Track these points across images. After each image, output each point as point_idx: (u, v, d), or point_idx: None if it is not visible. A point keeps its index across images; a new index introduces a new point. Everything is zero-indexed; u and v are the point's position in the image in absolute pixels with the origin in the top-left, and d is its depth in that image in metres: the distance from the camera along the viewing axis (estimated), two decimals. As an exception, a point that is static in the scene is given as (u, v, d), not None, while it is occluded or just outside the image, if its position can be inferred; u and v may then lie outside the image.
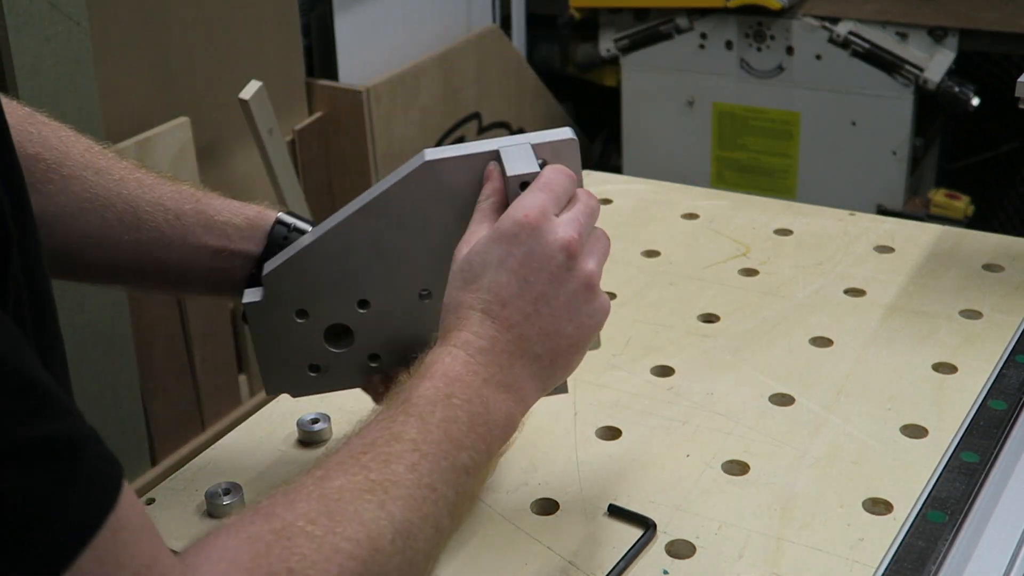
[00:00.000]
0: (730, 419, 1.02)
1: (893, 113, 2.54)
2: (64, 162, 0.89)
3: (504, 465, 0.97)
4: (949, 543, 0.86)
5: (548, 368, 0.79)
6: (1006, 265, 1.26)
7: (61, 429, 0.50)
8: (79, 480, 0.50)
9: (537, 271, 0.77)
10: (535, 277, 0.77)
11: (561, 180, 0.81)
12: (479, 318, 0.76)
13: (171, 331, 2.08)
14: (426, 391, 0.73)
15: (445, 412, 0.72)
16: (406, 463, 0.68)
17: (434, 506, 0.68)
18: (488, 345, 0.76)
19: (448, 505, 0.69)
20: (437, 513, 0.68)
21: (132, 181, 0.91)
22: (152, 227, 0.90)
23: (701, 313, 1.19)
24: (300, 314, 0.90)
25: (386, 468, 0.67)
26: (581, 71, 2.95)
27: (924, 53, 2.49)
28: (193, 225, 0.91)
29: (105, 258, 0.91)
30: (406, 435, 0.69)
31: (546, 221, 0.77)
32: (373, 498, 0.65)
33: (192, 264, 0.91)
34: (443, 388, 0.73)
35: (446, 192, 0.84)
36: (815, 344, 1.13)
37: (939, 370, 1.08)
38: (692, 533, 0.89)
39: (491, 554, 0.88)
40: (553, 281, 0.77)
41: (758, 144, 2.71)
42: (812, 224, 1.37)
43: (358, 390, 0.95)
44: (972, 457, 0.95)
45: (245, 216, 0.92)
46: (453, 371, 0.74)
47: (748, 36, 2.62)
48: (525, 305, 0.77)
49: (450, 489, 0.70)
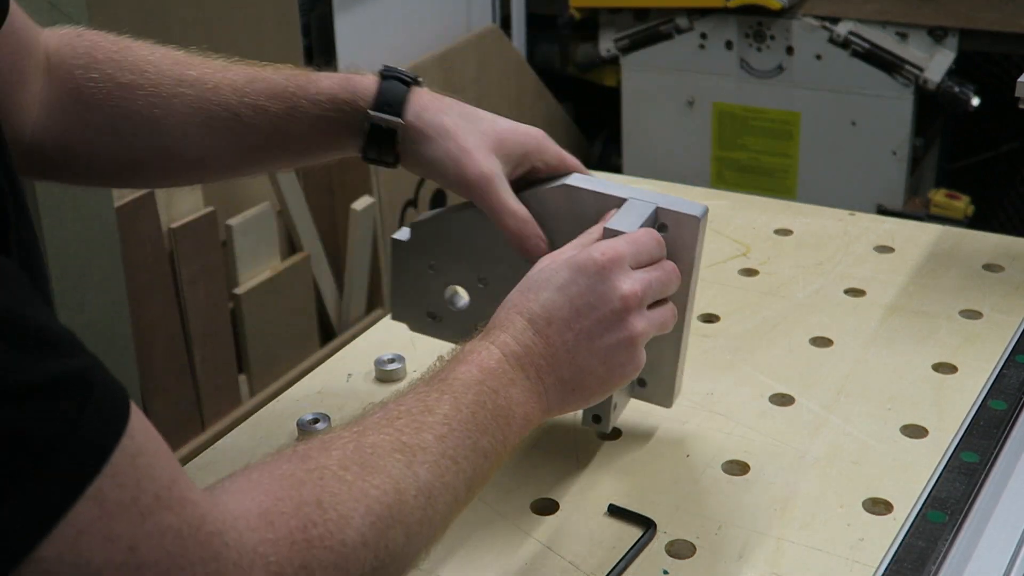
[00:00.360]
0: (730, 419, 1.02)
1: (893, 113, 2.54)
2: (161, 83, 0.93)
3: (504, 465, 0.97)
4: (949, 543, 0.86)
5: (571, 394, 0.83)
6: (1006, 265, 1.26)
7: (73, 365, 0.53)
8: (92, 408, 0.53)
9: (591, 307, 0.82)
10: (587, 312, 0.82)
11: (648, 241, 0.86)
12: (523, 325, 0.81)
13: (171, 331, 2.08)
14: (462, 374, 0.77)
15: (476, 397, 0.76)
16: (435, 433, 0.72)
17: (455, 476, 0.72)
18: (522, 352, 0.80)
19: (467, 479, 0.73)
20: (457, 483, 0.72)
21: (226, 87, 0.94)
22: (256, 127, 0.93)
23: (701, 313, 1.19)
24: (431, 267, 0.99)
25: (417, 435, 0.71)
26: (581, 71, 2.95)
27: (924, 53, 2.49)
28: (299, 100, 0.93)
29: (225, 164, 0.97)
30: (439, 409, 0.73)
31: (616, 267, 0.83)
32: (402, 457, 0.69)
33: (307, 125, 0.94)
34: (477, 375, 0.77)
35: (571, 215, 0.93)
36: (815, 344, 1.13)
37: (939, 370, 1.08)
38: (692, 533, 0.89)
39: (491, 554, 0.88)
40: (602, 322, 0.82)
41: (758, 144, 2.71)
42: (812, 224, 1.37)
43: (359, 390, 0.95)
44: (972, 457, 0.95)
45: (343, 76, 0.95)
46: (487, 365, 0.78)
47: (748, 36, 2.62)
48: (568, 332, 0.81)
49: (469, 465, 0.73)
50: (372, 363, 1.11)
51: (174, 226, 2.05)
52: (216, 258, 2.13)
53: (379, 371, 1.10)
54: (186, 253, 2.08)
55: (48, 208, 1.80)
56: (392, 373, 1.10)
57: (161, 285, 2.06)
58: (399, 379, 1.10)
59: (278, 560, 0.60)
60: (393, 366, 1.10)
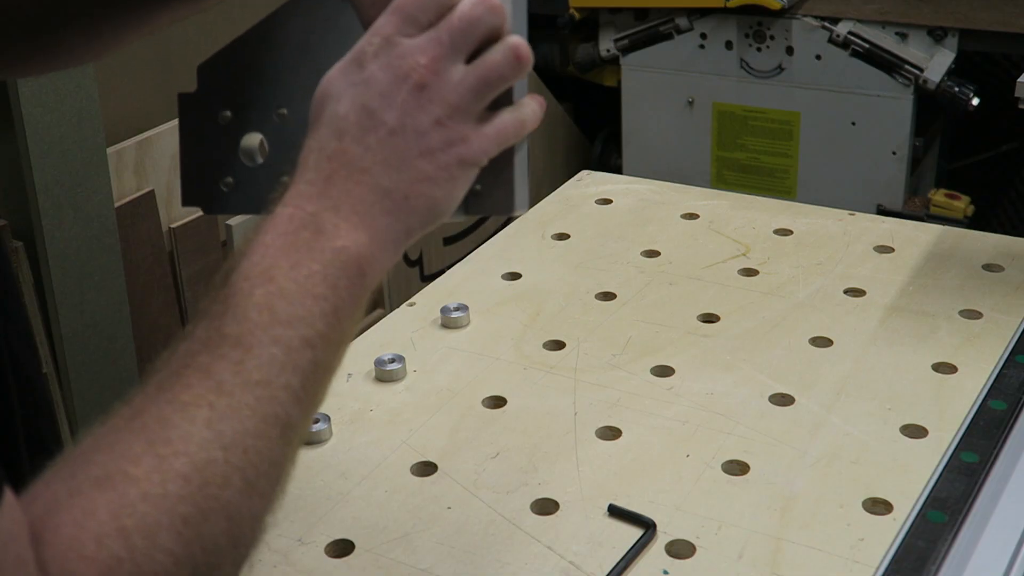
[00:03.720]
0: (730, 419, 1.02)
1: (893, 113, 2.54)
2: None
3: (504, 465, 0.98)
4: (949, 543, 0.86)
5: (403, 204, 0.68)
6: (1006, 265, 1.26)
7: None
8: None
9: (380, 98, 0.68)
10: (376, 104, 0.68)
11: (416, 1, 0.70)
12: (314, 159, 0.69)
13: (171, 331, 2.08)
14: (245, 270, 0.65)
15: (266, 288, 0.64)
16: (229, 366, 0.61)
17: (271, 404, 0.62)
18: (323, 182, 0.68)
19: (292, 394, 0.63)
20: (277, 411, 0.62)
21: None
22: None
23: (701, 313, 1.19)
24: (225, 115, 0.84)
25: (207, 380, 0.61)
26: (581, 71, 2.95)
27: (924, 53, 2.49)
28: None
29: None
30: (227, 331, 0.62)
31: (388, 45, 0.68)
32: (196, 423, 0.59)
33: None
34: (263, 261, 0.65)
35: None
36: (815, 344, 1.13)
37: (939, 370, 1.08)
38: (692, 533, 0.89)
39: (491, 554, 0.88)
40: (395, 109, 0.68)
41: (758, 144, 2.71)
42: (812, 224, 1.37)
43: (359, 390, 0.95)
44: (972, 457, 0.95)
45: None
46: (276, 233, 0.66)
47: (748, 36, 2.62)
48: (364, 135, 0.68)
49: (291, 375, 0.63)
50: (372, 363, 1.11)
51: (174, 226, 2.06)
52: (216, 258, 2.13)
53: (379, 371, 1.10)
54: (186, 253, 2.08)
55: (48, 208, 1.80)
56: (392, 373, 1.10)
57: (161, 285, 2.06)
58: (399, 379, 1.10)
59: None
60: (393, 366, 1.10)
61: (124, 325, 1.93)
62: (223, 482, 0.59)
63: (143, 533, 0.56)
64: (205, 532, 0.58)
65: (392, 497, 0.95)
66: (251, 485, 0.60)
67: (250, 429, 0.61)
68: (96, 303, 1.86)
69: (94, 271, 1.87)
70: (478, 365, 1.13)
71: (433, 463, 0.99)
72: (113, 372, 1.92)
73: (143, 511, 0.56)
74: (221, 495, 0.59)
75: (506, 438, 1.01)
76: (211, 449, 0.59)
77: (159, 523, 0.56)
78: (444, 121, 0.68)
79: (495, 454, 0.99)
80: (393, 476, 0.97)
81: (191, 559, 0.57)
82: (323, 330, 0.65)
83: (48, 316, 1.84)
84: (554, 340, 1.16)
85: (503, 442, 1.01)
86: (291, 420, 0.63)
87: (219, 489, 0.59)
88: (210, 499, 0.59)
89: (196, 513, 0.58)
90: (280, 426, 0.62)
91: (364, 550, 0.89)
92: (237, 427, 0.60)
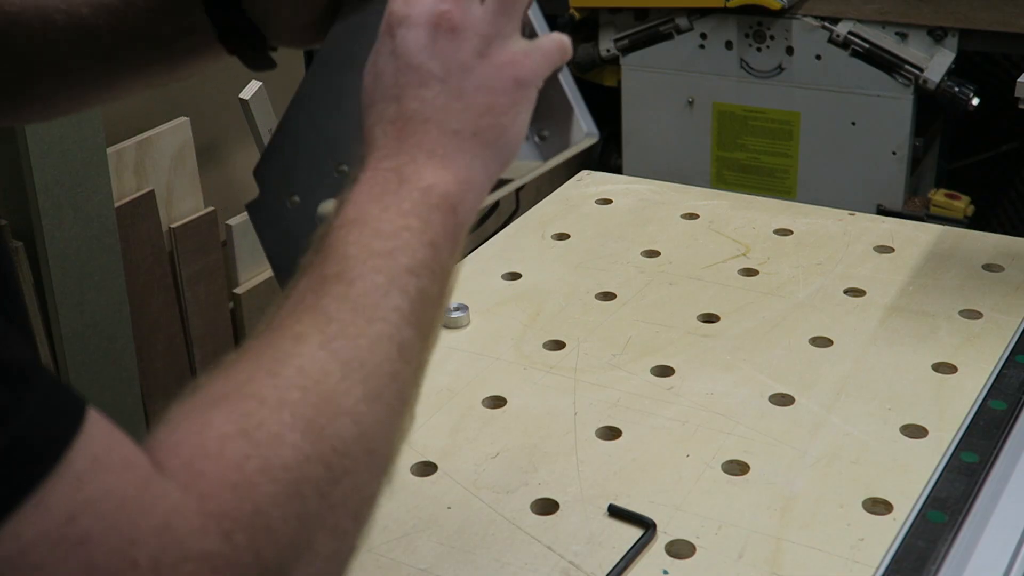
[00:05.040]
0: (730, 419, 1.02)
1: (893, 113, 2.54)
2: None
3: (504, 465, 0.98)
4: (949, 543, 0.86)
5: (474, 141, 0.70)
6: (1006, 265, 1.26)
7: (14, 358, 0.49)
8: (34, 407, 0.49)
9: (420, 53, 0.70)
10: (419, 60, 0.70)
11: None
12: (379, 130, 0.70)
13: (171, 331, 2.08)
14: (337, 223, 0.66)
15: (360, 231, 0.65)
16: (335, 299, 0.63)
17: (382, 324, 0.63)
18: (395, 143, 0.69)
19: (402, 316, 0.64)
20: (390, 331, 0.63)
21: None
22: None
23: (701, 313, 1.19)
24: (294, 200, 0.87)
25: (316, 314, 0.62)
26: (581, 71, 2.95)
27: (924, 53, 2.49)
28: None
29: None
30: (328, 271, 0.64)
31: (408, 7, 0.71)
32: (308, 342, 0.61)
33: None
34: (353, 211, 0.66)
35: None
36: (815, 344, 1.13)
37: (939, 370, 1.08)
38: (692, 533, 0.89)
39: (491, 554, 0.88)
40: (437, 58, 0.70)
41: (758, 144, 2.71)
42: (812, 224, 1.37)
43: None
44: (972, 457, 0.95)
45: None
46: (362, 189, 0.68)
47: (748, 36, 2.62)
48: (418, 91, 0.70)
49: (399, 299, 0.64)
50: (372, 363, 1.11)
51: (174, 226, 2.06)
52: (216, 258, 2.13)
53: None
54: (186, 253, 2.08)
55: (48, 208, 1.80)
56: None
57: (161, 285, 2.06)
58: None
59: (222, 511, 0.53)
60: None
61: (124, 325, 1.93)
62: (344, 391, 0.59)
63: (266, 432, 0.56)
64: (331, 433, 0.58)
65: (392, 497, 0.95)
66: (374, 396, 0.61)
67: (363, 346, 0.61)
68: (96, 303, 1.86)
69: (94, 271, 1.87)
70: (478, 365, 1.13)
71: (433, 463, 0.99)
72: (113, 372, 1.92)
73: (262, 416, 0.57)
74: (343, 403, 0.59)
75: (506, 438, 1.01)
76: (326, 363, 0.60)
77: (281, 422, 0.57)
78: (485, 52, 0.71)
79: (495, 454, 0.99)
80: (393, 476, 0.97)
81: (321, 458, 0.57)
82: (424, 259, 0.65)
83: (48, 316, 1.85)
84: (554, 340, 1.16)
85: (503, 442, 1.01)
86: (405, 341, 0.63)
87: (340, 397, 0.59)
88: (331, 404, 0.59)
89: (318, 416, 0.58)
90: (395, 345, 0.63)
91: (364, 550, 0.89)
92: (350, 345, 0.61)
